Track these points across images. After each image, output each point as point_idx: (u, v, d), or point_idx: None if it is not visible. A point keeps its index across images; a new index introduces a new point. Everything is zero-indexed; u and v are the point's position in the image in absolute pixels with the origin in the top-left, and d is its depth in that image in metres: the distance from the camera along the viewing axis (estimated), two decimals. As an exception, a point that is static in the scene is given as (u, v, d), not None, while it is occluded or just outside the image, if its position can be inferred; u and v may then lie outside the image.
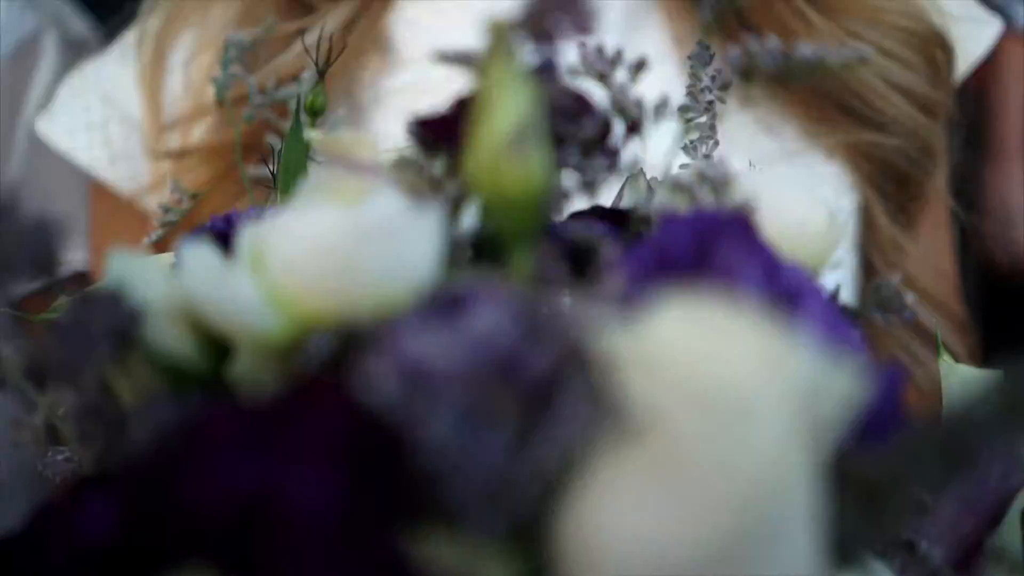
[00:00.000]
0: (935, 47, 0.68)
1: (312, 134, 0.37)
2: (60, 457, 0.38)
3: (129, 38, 0.75)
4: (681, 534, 0.19)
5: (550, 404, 0.24)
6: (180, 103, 0.70)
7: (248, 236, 0.30)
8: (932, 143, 0.68)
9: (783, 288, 0.30)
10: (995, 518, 0.38)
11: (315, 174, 0.32)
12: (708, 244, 0.28)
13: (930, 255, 0.72)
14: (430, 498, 0.22)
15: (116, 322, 0.27)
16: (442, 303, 0.26)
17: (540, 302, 0.26)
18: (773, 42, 0.32)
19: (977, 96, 1.89)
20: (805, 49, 0.32)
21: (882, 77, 0.66)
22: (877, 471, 0.23)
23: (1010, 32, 1.86)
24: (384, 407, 0.22)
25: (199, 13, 0.71)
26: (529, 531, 0.22)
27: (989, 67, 1.86)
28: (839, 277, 0.64)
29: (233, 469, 0.21)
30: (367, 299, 0.26)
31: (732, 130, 0.65)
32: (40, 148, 0.90)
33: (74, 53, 1.00)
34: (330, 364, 0.26)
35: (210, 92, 0.69)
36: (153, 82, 0.71)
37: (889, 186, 0.68)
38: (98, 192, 0.76)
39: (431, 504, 0.22)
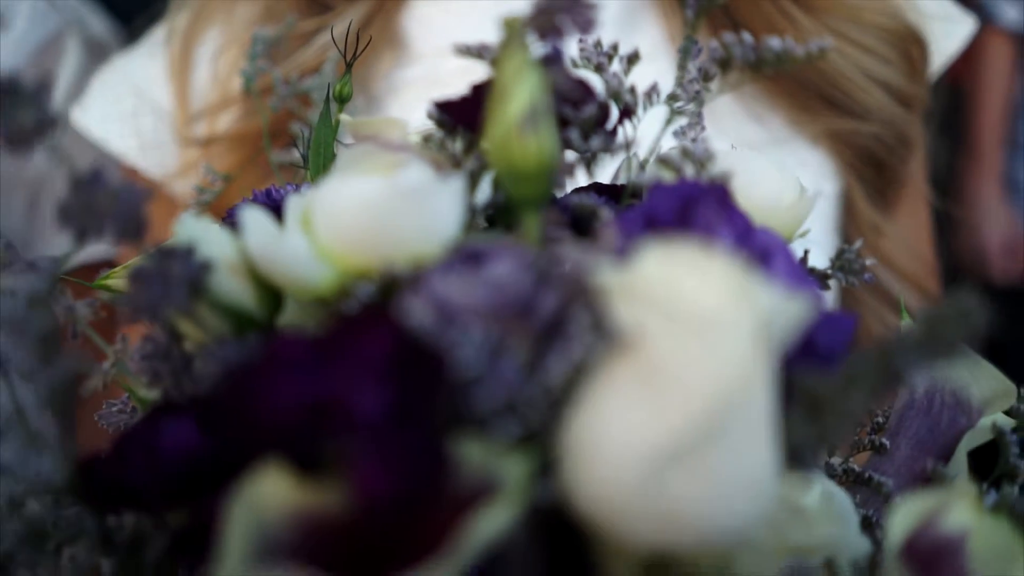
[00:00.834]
0: (911, 44, 0.73)
1: (344, 118, 0.42)
2: (114, 408, 0.43)
3: (157, 35, 0.80)
4: (660, 427, 0.24)
5: (555, 335, 0.29)
6: (206, 94, 0.75)
7: (296, 203, 0.35)
8: (908, 132, 0.73)
9: (754, 247, 0.35)
10: (946, 456, 0.44)
11: (349, 151, 0.37)
12: (689, 208, 0.33)
13: (907, 237, 0.77)
14: (461, 406, 0.27)
15: (189, 273, 0.32)
16: (465, 256, 0.32)
17: (546, 256, 0.31)
18: (746, 37, 0.37)
19: (957, 89, 1.92)
20: (773, 43, 0.37)
21: (862, 70, 0.71)
22: (823, 388, 0.28)
23: (993, 29, 1.88)
24: (422, 334, 0.27)
25: (224, 11, 0.76)
26: (540, 433, 0.27)
27: (971, 62, 1.89)
28: (820, 257, 0.69)
29: (301, 382, 0.26)
30: (402, 253, 0.32)
31: (722, 118, 0.71)
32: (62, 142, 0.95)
33: (95, 52, 1.04)
34: (372, 307, 0.31)
35: (235, 84, 0.74)
36: (181, 75, 0.76)
37: (868, 172, 0.73)
38: (129, 178, 0.81)
39: (462, 411, 0.27)
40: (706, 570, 0.29)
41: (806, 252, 0.42)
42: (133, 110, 0.77)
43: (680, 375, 0.24)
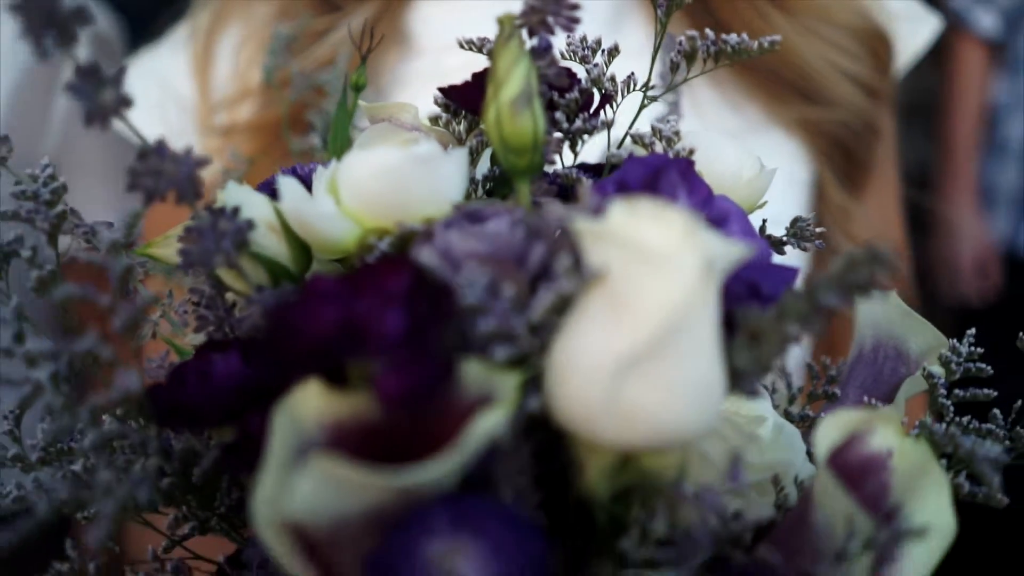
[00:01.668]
0: (878, 41, 0.79)
1: (363, 103, 0.48)
2: (154, 364, 0.49)
3: (179, 33, 0.86)
4: (620, 344, 0.31)
5: (541, 278, 0.35)
6: (227, 87, 0.81)
7: (323, 173, 0.41)
8: (875, 122, 0.79)
9: (713, 212, 0.41)
10: (888, 400, 0.50)
11: (368, 131, 0.43)
12: (656, 177, 0.39)
13: (875, 219, 0.83)
14: (464, 333, 0.33)
15: (235, 230, 0.38)
16: (468, 214, 0.38)
17: (536, 216, 0.37)
18: (709, 33, 0.43)
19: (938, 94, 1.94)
20: (731, 39, 0.43)
21: (832, 65, 0.77)
22: (762, 320, 0.34)
23: (967, 36, 1.88)
24: (432, 275, 0.33)
25: (242, 10, 0.82)
26: (528, 355, 0.34)
27: (945, 69, 1.89)
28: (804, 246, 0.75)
29: (335, 309, 0.32)
30: (415, 212, 0.38)
31: (704, 108, 0.77)
32: (69, 133, 0.98)
33: (102, 48, 1.08)
34: (391, 255, 0.37)
35: (253, 77, 0.80)
36: (203, 69, 0.82)
37: (838, 159, 0.79)
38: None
39: (465, 337, 0.33)
40: (665, 471, 0.35)
41: (764, 221, 0.49)
42: (158, 101, 0.83)
43: (637, 301, 0.30)
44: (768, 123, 0.78)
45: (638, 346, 0.30)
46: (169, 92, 0.83)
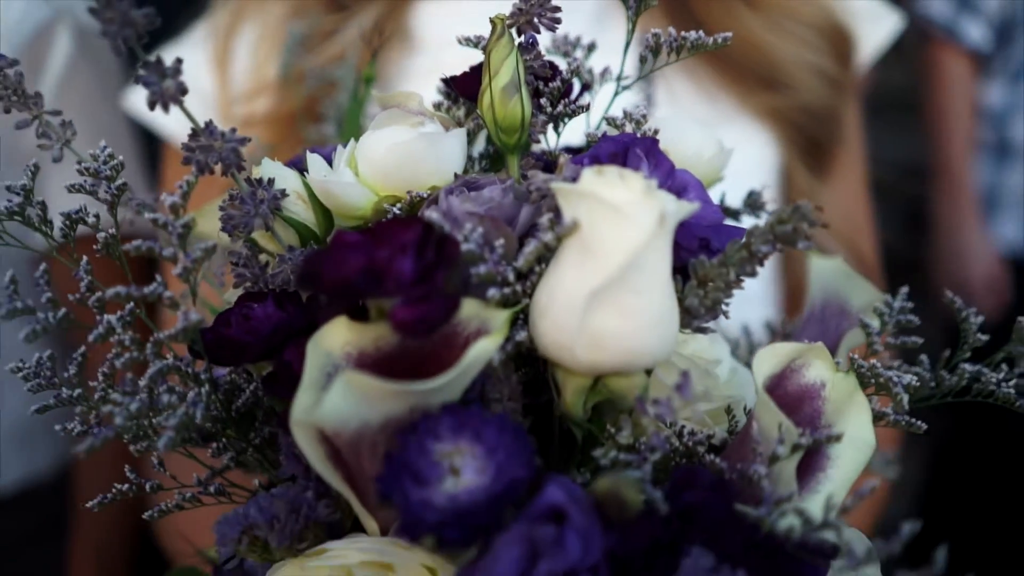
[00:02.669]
0: (840, 36, 0.87)
1: (375, 92, 0.56)
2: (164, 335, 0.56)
3: (199, 31, 0.93)
4: (588, 281, 0.38)
5: (527, 235, 0.43)
6: (244, 81, 0.88)
7: (342, 150, 0.48)
8: (838, 111, 0.87)
9: (675, 182, 0.49)
10: (833, 351, 0.57)
11: (381, 116, 0.51)
12: (624, 152, 0.47)
13: (840, 201, 0.90)
14: (463, 277, 0.40)
15: (270, 198, 0.46)
16: (467, 183, 0.45)
17: (523, 185, 0.45)
18: (671, 30, 0.50)
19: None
20: (691, 35, 0.50)
21: (797, 58, 0.84)
22: (708, 267, 0.41)
23: (956, 49, 1.84)
24: (438, 229, 0.41)
25: (258, 10, 0.89)
26: (518, 293, 0.41)
27: (932, 82, 1.85)
28: (764, 218, 0.83)
29: (359, 256, 0.39)
30: (423, 182, 0.45)
31: (681, 98, 0.84)
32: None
33: (85, 42, 1.09)
34: (403, 216, 0.44)
35: (269, 72, 0.87)
36: (222, 65, 0.89)
37: (804, 145, 0.86)
38: (172, 155, 0.94)
39: (464, 280, 0.40)
40: (629, 392, 0.42)
41: (723, 194, 0.56)
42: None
43: (603, 246, 0.38)
44: (739, 112, 0.85)
45: (603, 281, 0.37)
46: (190, 85, 0.90)
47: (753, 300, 0.81)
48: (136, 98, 0.93)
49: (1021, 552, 1.84)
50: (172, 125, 0.90)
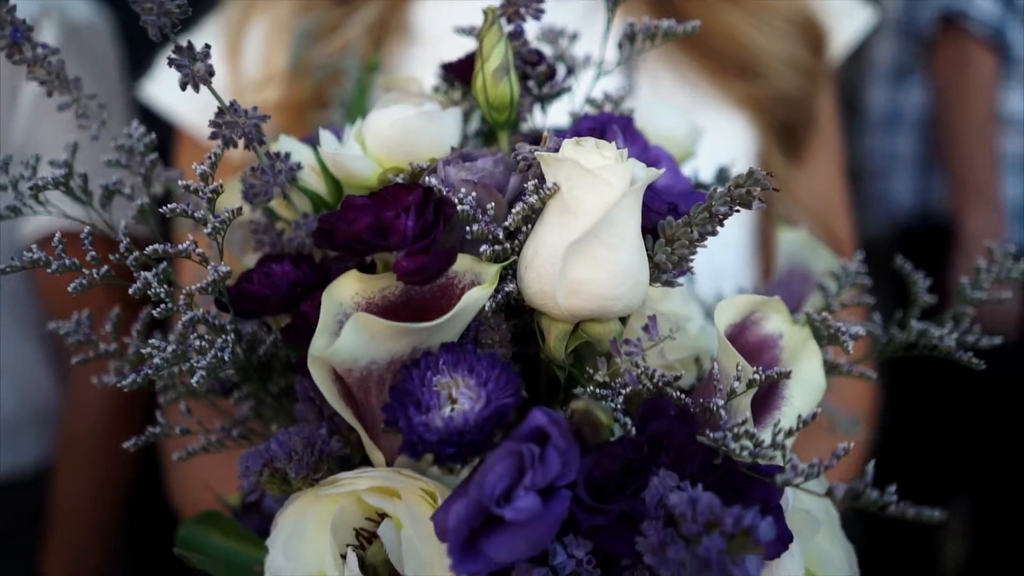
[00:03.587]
0: (814, 29, 0.92)
1: (381, 77, 0.61)
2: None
3: (211, 26, 0.99)
4: (567, 236, 0.44)
5: (515, 200, 0.48)
6: (254, 71, 0.94)
7: (350, 128, 0.54)
8: (811, 100, 0.92)
9: (648, 156, 0.54)
10: (796, 310, 0.63)
11: (384, 97, 0.56)
12: (603, 128, 0.52)
13: (814, 184, 0.96)
14: (460, 236, 0.46)
15: (287, 169, 0.51)
16: (462, 155, 0.51)
17: (512, 157, 0.50)
18: (646, 19, 0.56)
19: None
20: (663, 24, 0.56)
21: (774, 49, 0.90)
22: (674, 227, 0.47)
23: (971, 36, 1.79)
24: (437, 193, 0.46)
25: (267, 5, 0.95)
26: (507, 250, 0.47)
27: (954, 72, 1.80)
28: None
29: (368, 215, 0.45)
30: (423, 154, 0.51)
31: (663, 87, 0.90)
32: (38, 119, 1.03)
33: (72, 37, 1.09)
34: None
35: (278, 63, 0.93)
36: (234, 56, 0.94)
37: (779, 131, 0.92)
38: (185, 141, 1.00)
39: (460, 239, 0.46)
40: (605, 337, 0.48)
41: (696, 169, 0.62)
42: (194, 84, 0.95)
43: (580, 206, 0.43)
44: (719, 100, 0.90)
45: (580, 236, 0.43)
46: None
47: (730, 275, 0.87)
48: (153, 88, 0.98)
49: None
50: (188, 115, 0.96)
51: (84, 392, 1.17)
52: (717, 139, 0.85)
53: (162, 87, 0.97)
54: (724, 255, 0.90)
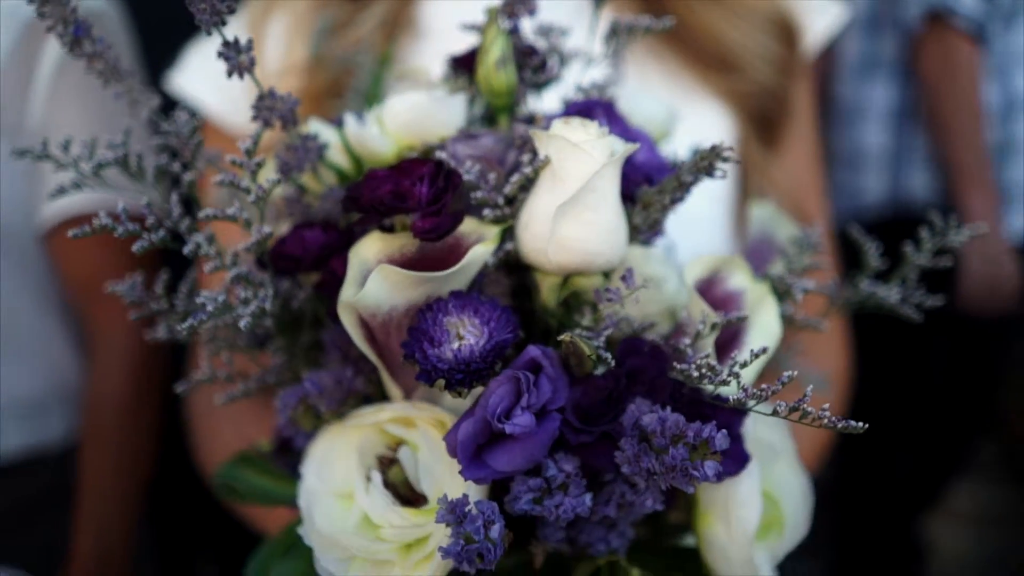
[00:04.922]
0: (789, 25, 1.00)
1: (396, 67, 0.69)
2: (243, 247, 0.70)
3: (233, 22, 1.07)
4: (556, 200, 0.52)
5: (513, 171, 0.57)
6: (274, 63, 1.02)
7: (369, 112, 0.62)
8: (787, 92, 1.00)
9: (629, 136, 0.63)
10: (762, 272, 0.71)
11: (398, 85, 0.65)
12: (589, 111, 0.61)
13: (789, 169, 1.03)
14: (466, 201, 0.54)
15: (316, 147, 0.60)
16: (467, 135, 0.59)
17: (511, 135, 0.59)
18: (627, 16, 0.64)
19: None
20: (643, 20, 0.64)
21: (750, 44, 0.98)
22: (649, 194, 0.55)
23: (953, 32, 1.85)
24: (446, 165, 0.55)
25: (286, 2, 1.03)
26: (506, 214, 0.55)
27: (942, 65, 1.87)
28: (722, 184, 0.96)
29: (388, 183, 0.53)
30: (434, 133, 0.59)
31: (649, 78, 0.98)
32: (54, 103, 1.07)
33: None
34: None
35: (297, 55, 1.01)
36: (256, 48, 1.02)
37: (757, 121, 1.00)
38: (211, 131, 1.08)
39: (466, 203, 0.54)
40: (590, 288, 0.56)
41: (675, 153, 0.70)
42: (219, 72, 1.03)
43: (567, 175, 0.52)
44: (700, 91, 0.98)
45: (567, 199, 0.51)
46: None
47: (712, 253, 0.95)
48: (180, 79, 1.06)
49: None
50: (214, 105, 1.04)
51: (106, 369, 1.23)
52: (698, 127, 0.93)
53: (188, 78, 1.05)
54: (705, 233, 0.98)
